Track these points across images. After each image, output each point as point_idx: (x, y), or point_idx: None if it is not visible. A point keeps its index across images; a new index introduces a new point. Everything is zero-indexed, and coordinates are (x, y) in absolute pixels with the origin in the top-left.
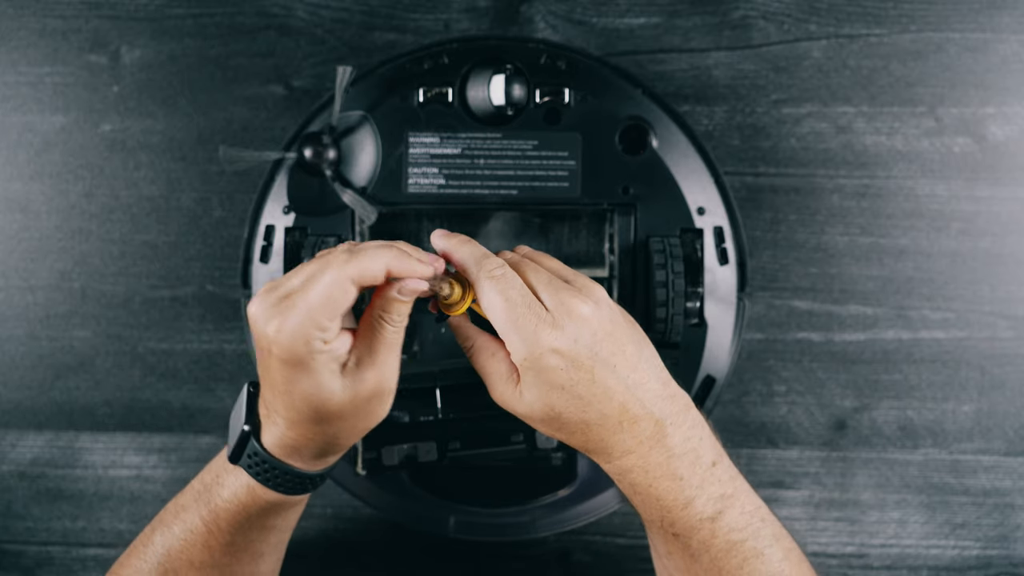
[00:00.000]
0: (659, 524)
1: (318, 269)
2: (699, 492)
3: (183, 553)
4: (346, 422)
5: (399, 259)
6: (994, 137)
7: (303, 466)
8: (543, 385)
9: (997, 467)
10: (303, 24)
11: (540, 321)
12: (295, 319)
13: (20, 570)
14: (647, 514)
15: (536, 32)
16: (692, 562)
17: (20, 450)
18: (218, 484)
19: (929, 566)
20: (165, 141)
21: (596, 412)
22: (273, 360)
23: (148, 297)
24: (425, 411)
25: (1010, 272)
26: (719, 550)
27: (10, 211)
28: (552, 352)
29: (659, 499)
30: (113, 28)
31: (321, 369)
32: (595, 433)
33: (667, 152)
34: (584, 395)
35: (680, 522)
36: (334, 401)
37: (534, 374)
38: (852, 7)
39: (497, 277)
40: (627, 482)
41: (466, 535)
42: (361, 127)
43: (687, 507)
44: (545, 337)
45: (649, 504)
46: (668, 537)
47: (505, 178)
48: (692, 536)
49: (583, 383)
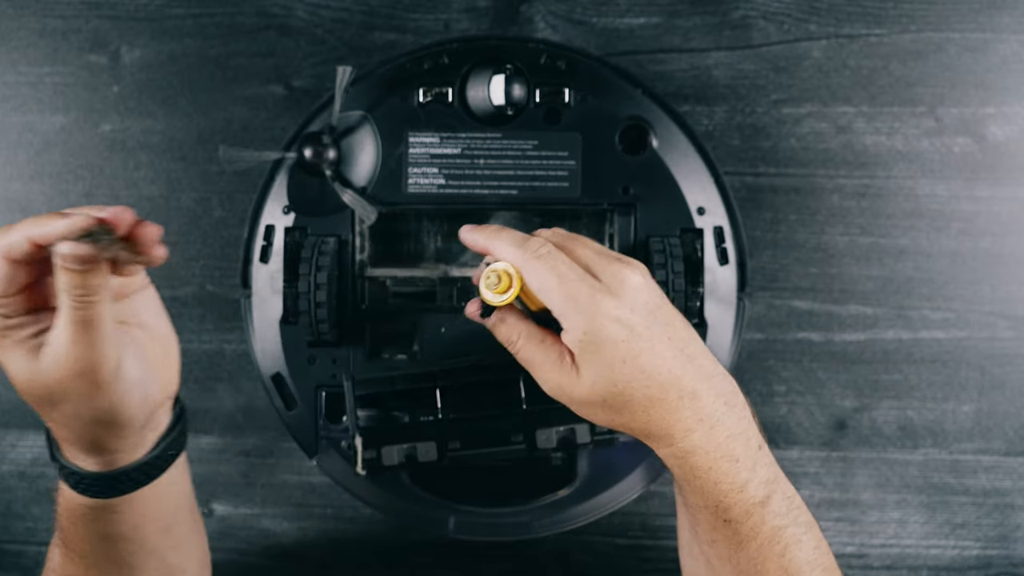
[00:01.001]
0: (712, 510)
1: None
2: (752, 475)
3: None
4: (66, 406)
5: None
6: (994, 137)
7: (87, 464)
8: (605, 360)
9: (997, 467)
10: (303, 24)
11: (596, 291)
12: None
13: (20, 570)
14: (702, 499)
15: (536, 32)
16: (737, 550)
17: (20, 450)
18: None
19: (929, 566)
20: (165, 141)
21: (658, 386)
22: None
23: None
24: (425, 411)
25: (1010, 272)
26: (765, 537)
27: (10, 211)
28: (613, 321)
29: (717, 483)
30: (113, 28)
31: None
32: (658, 411)
33: (667, 152)
34: (647, 368)
35: (735, 507)
36: (35, 383)
37: (595, 349)
38: (852, 7)
39: (544, 255)
40: (687, 466)
41: (466, 535)
42: (361, 127)
43: (743, 490)
44: (605, 306)
45: (706, 489)
46: (718, 524)
47: (505, 178)
48: (744, 521)
49: (645, 354)
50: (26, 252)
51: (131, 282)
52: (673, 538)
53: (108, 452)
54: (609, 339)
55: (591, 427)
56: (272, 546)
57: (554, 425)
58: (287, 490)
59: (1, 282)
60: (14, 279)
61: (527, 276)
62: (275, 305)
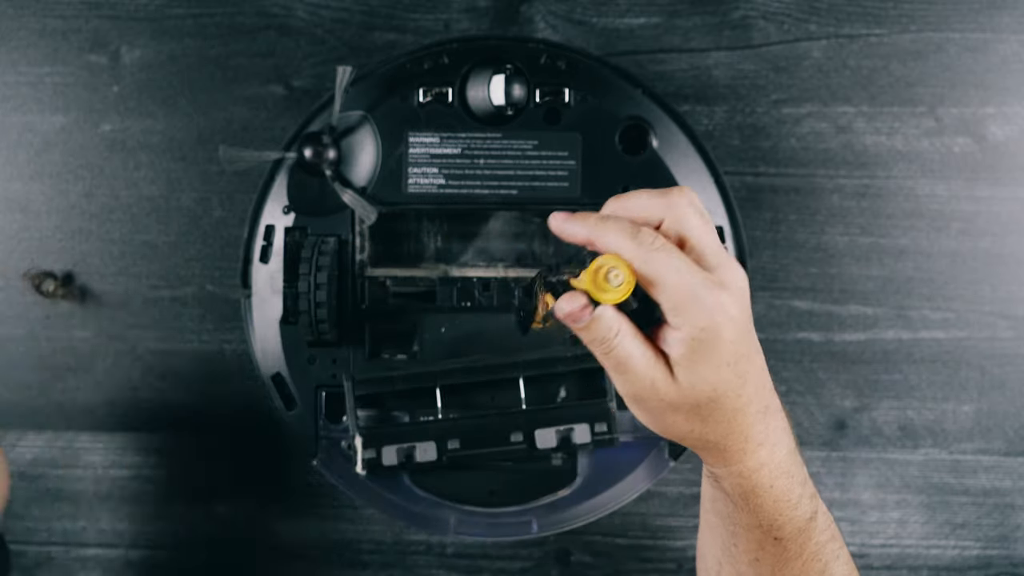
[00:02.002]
0: (765, 529)
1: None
2: (803, 491)
3: None
4: None
5: None
6: (994, 137)
7: None
8: (712, 361)
9: (997, 467)
10: (303, 24)
11: (714, 287)
12: None
13: (20, 570)
14: (756, 518)
15: (536, 32)
16: (782, 568)
17: (20, 450)
18: None
19: (929, 566)
20: (165, 141)
21: (747, 396)
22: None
23: (148, 297)
24: (425, 411)
25: (1010, 272)
26: (810, 554)
27: (10, 211)
28: (729, 320)
29: (776, 500)
30: (113, 28)
31: None
32: (739, 423)
33: (667, 152)
34: (743, 374)
35: (788, 524)
36: None
37: (707, 348)
38: (852, 7)
39: (660, 248)
40: (750, 484)
41: (466, 535)
42: (361, 127)
43: (796, 507)
44: (724, 303)
45: (765, 507)
46: (767, 542)
47: (505, 178)
48: (795, 539)
49: (743, 360)
50: None
51: None
52: (673, 538)
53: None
54: (722, 339)
55: (591, 427)
56: (272, 546)
57: (554, 425)
58: (287, 490)
59: None
60: None
61: (644, 269)
62: (275, 305)
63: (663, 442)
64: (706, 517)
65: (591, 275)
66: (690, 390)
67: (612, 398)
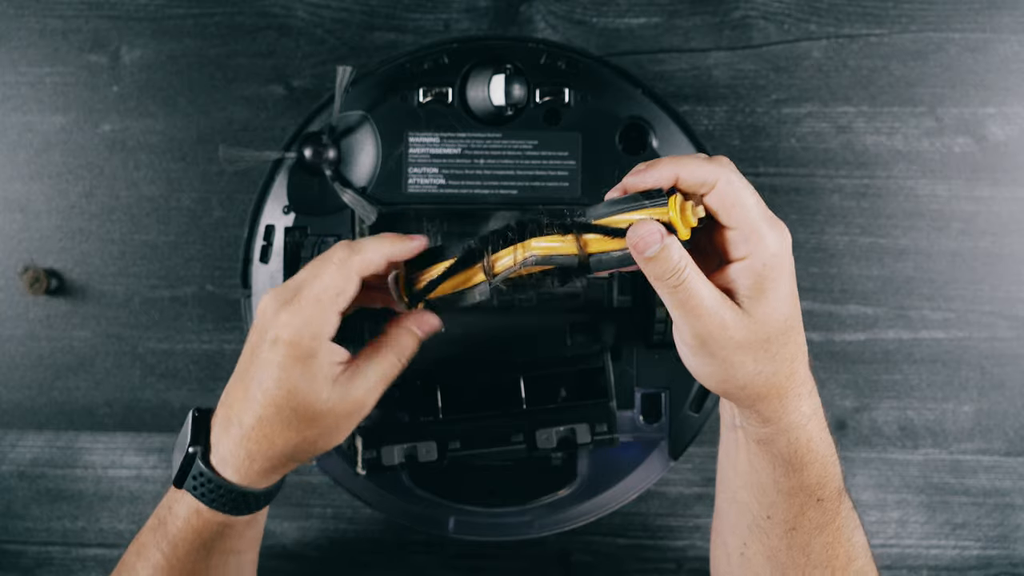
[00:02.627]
0: (810, 490)
1: (322, 264)
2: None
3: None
4: (313, 431)
5: (395, 243)
6: (994, 137)
7: (247, 482)
8: (780, 292)
9: (997, 467)
10: (303, 24)
11: (777, 223)
12: (305, 309)
13: (20, 570)
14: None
15: (536, 32)
16: (818, 533)
17: (20, 450)
18: (171, 514)
19: (929, 566)
20: (165, 141)
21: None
22: (277, 350)
23: (148, 297)
24: (425, 411)
25: (1010, 272)
26: (843, 518)
27: (10, 211)
28: (789, 254)
29: (824, 455)
30: (113, 28)
31: (320, 367)
32: (801, 361)
33: (667, 152)
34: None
35: (832, 482)
36: (318, 405)
37: (774, 278)
38: (852, 7)
39: (738, 176)
40: (807, 435)
41: (466, 535)
42: (361, 127)
43: (837, 463)
44: (786, 240)
45: (815, 463)
46: (809, 504)
47: (505, 178)
48: (833, 500)
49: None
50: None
51: None
52: (673, 538)
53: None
54: (786, 269)
55: (591, 427)
56: (272, 546)
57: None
58: (287, 490)
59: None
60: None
61: (727, 190)
62: None
63: (663, 442)
64: (732, 495)
65: (677, 205)
66: (762, 322)
67: (612, 398)
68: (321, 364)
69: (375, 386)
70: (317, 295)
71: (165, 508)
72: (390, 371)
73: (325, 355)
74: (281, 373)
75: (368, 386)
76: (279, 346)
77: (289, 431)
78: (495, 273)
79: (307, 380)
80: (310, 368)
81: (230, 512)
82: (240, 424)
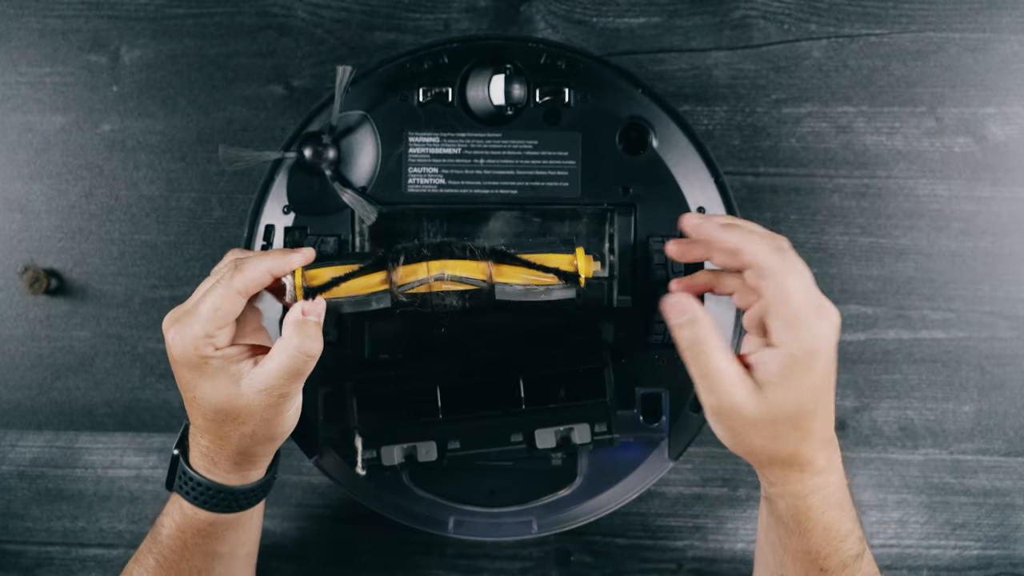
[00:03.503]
0: (812, 556)
1: (209, 282)
2: (853, 527)
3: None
4: (247, 426)
5: (277, 259)
6: (994, 137)
7: (225, 480)
8: (801, 384)
9: (997, 467)
10: (303, 24)
11: (823, 317)
12: (188, 329)
13: (20, 570)
14: (805, 544)
15: (536, 32)
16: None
17: (20, 450)
18: (162, 517)
19: (929, 566)
20: (165, 141)
21: (819, 422)
22: (177, 368)
23: (148, 297)
24: (425, 411)
25: (1010, 272)
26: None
27: (10, 211)
28: (826, 350)
29: (826, 528)
30: (113, 28)
31: (216, 373)
32: (808, 444)
33: (667, 152)
34: (821, 402)
35: (835, 556)
36: (235, 402)
37: (800, 370)
38: (852, 7)
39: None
40: (804, 506)
41: (466, 535)
42: (361, 127)
43: (844, 540)
44: (827, 334)
45: (814, 535)
46: (813, 572)
47: (505, 178)
48: (839, 572)
49: (824, 390)
50: (263, 286)
51: None
52: (673, 538)
53: (251, 467)
54: (817, 364)
55: (591, 427)
56: (272, 546)
57: (554, 425)
58: (287, 490)
59: (231, 316)
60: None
61: (780, 281)
62: (275, 305)
63: (663, 442)
64: (760, 543)
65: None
66: (773, 406)
67: (612, 398)
68: (217, 370)
69: (283, 372)
70: (200, 312)
71: (161, 515)
72: (292, 354)
73: (217, 362)
74: (192, 387)
75: (276, 372)
76: (178, 364)
77: (228, 430)
78: (399, 284)
79: (212, 385)
80: (208, 375)
81: (213, 509)
82: (196, 430)
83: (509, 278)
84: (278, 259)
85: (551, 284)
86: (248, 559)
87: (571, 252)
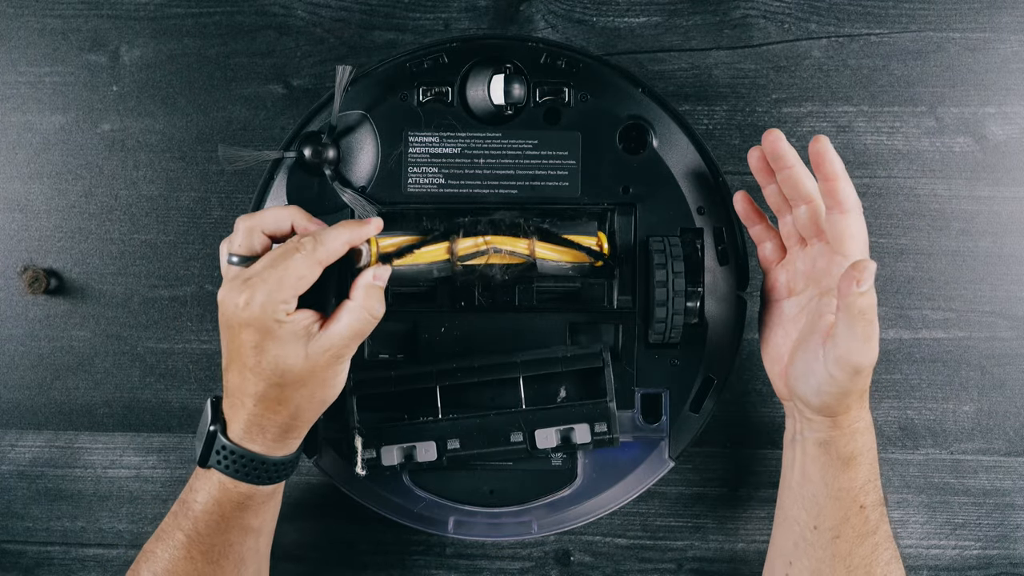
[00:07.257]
0: (853, 495)
1: (283, 254)
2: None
3: (169, 574)
4: (307, 388)
5: (353, 230)
6: (994, 137)
7: (266, 450)
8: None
9: (997, 467)
10: (303, 24)
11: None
12: (268, 295)
13: (20, 570)
14: (852, 481)
15: (536, 31)
16: (859, 542)
17: (20, 450)
18: (193, 493)
19: (929, 566)
20: (165, 141)
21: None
22: (244, 333)
23: (147, 297)
24: (425, 411)
25: (1010, 272)
26: (882, 536)
27: (10, 211)
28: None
29: (872, 464)
30: (113, 28)
31: (287, 336)
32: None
33: (667, 152)
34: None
35: (874, 492)
36: (300, 363)
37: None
38: (852, 7)
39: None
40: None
41: (466, 535)
42: (361, 127)
43: (878, 479)
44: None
45: (862, 468)
46: (853, 510)
47: (505, 177)
48: (874, 509)
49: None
50: (339, 256)
51: None
52: (673, 538)
53: (295, 435)
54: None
55: (591, 427)
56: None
57: (554, 425)
58: (287, 490)
59: (308, 284)
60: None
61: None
62: None
63: (663, 442)
64: (783, 517)
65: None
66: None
67: (612, 398)
68: (290, 333)
69: (350, 332)
70: (284, 280)
71: (187, 492)
72: (360, 315)
73: (289, 324)
74: (258, 353)
75: (344, 333)
76: (245, 328)
77: (289, 392)
78: (459, 255)
79: (282, 348)
80: (279, 338)
81: (253, 481)
82: (243, 405)
83: (547, 256)
84: (354, 230)
85: (583, 262)
86: (270, 537)
87: (594, 235)
